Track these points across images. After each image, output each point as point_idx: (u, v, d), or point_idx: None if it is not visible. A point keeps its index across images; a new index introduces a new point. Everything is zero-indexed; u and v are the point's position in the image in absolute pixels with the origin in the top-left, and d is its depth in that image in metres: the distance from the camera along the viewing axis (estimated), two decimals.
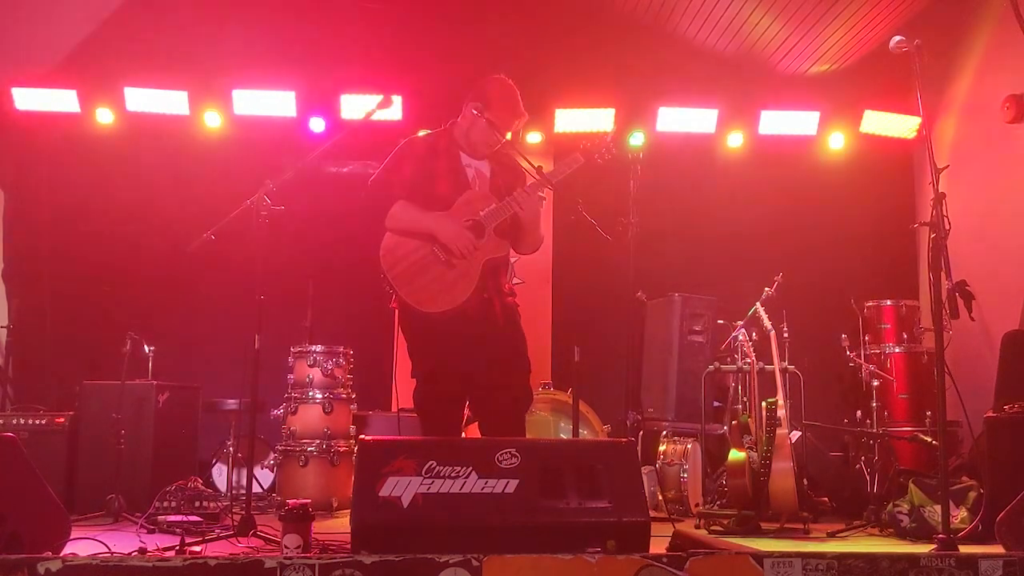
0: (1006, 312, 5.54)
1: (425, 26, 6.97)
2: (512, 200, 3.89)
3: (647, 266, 4.33)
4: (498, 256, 3.95)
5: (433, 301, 3.83)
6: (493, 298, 3.92)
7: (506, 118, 4.01)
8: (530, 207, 3.91)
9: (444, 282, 3.84)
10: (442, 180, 3.98)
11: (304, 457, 5.45)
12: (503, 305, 3.95)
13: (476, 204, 3.92)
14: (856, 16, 6.53)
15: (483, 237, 3.88)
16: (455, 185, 3.98)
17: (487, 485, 2.90)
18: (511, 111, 4.03)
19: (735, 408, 5.74)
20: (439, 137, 4.12)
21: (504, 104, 4.02)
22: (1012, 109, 6.15)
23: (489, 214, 3.89)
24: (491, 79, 4.09)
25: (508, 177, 4.05)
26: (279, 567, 2.38)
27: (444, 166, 4.01)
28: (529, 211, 3.91)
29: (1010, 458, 4.28)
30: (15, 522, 3.04)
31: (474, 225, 3.88)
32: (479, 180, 4.03)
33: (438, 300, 3.83)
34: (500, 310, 3.92)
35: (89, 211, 6.95)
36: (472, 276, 3.84)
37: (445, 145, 4.07)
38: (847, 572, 2.51)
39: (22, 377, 6.75)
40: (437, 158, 4.03)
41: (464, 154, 4.05)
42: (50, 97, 6.90)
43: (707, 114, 7.27)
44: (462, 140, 4.06)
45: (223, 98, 6.99)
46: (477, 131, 4.01)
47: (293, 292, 6.04)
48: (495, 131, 3.98)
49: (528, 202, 3.90)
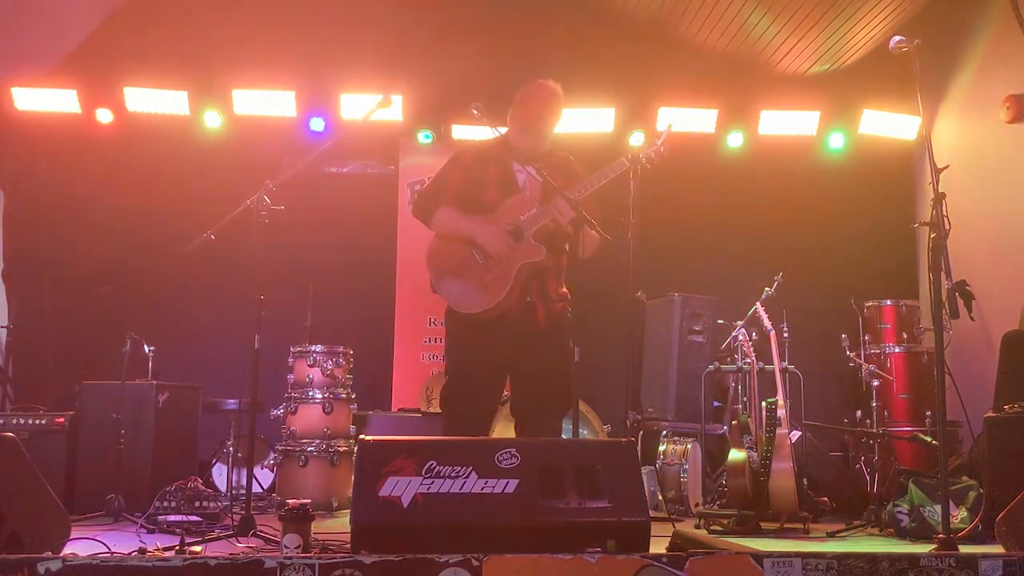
0: (1006, 312, 5.54)
1: (425, 26, 6.97)
2: (551, 207, 3.94)
3: (647, 266, 4.32)
4: (538, 260, 3.97)
5: (470, 303, 3.94)
6: (537, 303, 3.98)
7: (529, 122, 4.07)
8: (569, 214, 3.93)
9: (482, 284, 3.93)
10: (491, 186, 4.05)
11: (304, 457, 5.45)
12: (548, 311, 4.01)
13: (518, 209, 3.98)
14: (856, 16, 6.53)
15: (521, 241, 3.93)
16: (503, 190, 4.04)
17: (487, 485, 2.90)
18: (534, 115, 4.08)
19: (735, 408, 5.74)
20: (491, 144, 4.19)
21: (525, 109, 4.09)
22: (1012, 109, 6.15)
23: (528, 219, 3.95)
24: (526, 84, 4.17)
25: (560, 180, 4.07)
26: (279, 567, 2.38)
27: (494, 172, 4.08)
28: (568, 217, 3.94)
29: (1010, 458, 4.28)
30: (15, 522, 3.04)
31: (513, 230, 3.93)
32: (530, 185, 4.07)
33: (475, 302, 3.93)
34: (544, 316, 3.99)
35: (89, 211, 6.95)
36: (506, 279, 3.91)
37: (497, 152, 4.12)
38: (847, 572, 2.51)
39: (22, 377, 6.75)
40: (487, 165, 4.09)
41: (516, 160, 4.09)
42: (50, 97, 6.90)
43: (707, 114, 7.27)
44: (513, 145, 4.11)
45: (223, 98, 6.99)
46: (515, 137, 4.10)
47: (293, 292, 6.05)
48: (526, 138, 4.06)
49: (567, 209, 3.92)
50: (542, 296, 4.00)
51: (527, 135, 4.07)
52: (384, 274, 7.21)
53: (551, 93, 4.13)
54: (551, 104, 4.12)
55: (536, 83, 4.16)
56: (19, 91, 6.84)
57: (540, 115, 4.09)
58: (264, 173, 4.28)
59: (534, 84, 4.16)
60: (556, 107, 4.13)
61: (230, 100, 6.99)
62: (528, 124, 4.08)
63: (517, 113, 4.12)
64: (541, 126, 4.11)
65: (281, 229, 4.30)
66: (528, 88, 4.15)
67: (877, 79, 6.98)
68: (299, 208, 4.47)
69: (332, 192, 6.96)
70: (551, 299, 4.03)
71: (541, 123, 4.10)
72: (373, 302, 7.22)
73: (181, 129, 7.05)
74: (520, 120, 4.09)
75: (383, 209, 7.25)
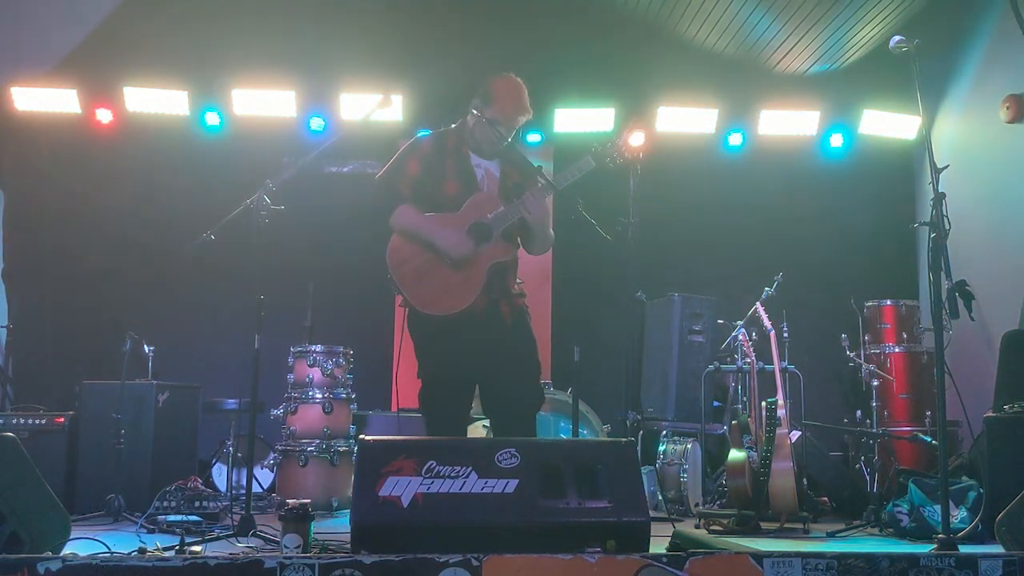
0: (1006, 312, 5.54)
1: (425, 26, 6.97)
2: (520, 204, 3.88)
3: (647, 266, 4.32)
4: (505, 260, 3.93)
5: (436, 303, 3.84)
6: (500, 300, 3.91)
7: (506, 116, 3.96)
8: (538, 211, 3.89)
9: (449, 285, 3.84)
10: (451, 181, 3.96)
11: (304, 457, 5.45)
12: (511, 307, 3.95)
13: (484, 207, 3.90)
14: (856, 16, 6.53)
15: (490, 241, 3.86)
16: (464, 186, 3.96)
17: (487, 485, 2.90)
18: (511, 109, 3.97)
19: (735, 408, 5.74)
20: (447, 136, 4.08)
21: (503, 102, 3.96)
22: (1012, 109, 6.15)
23: (496, 218, 3.87)
24: (496, 77, 4.05)
25: (518, 177, 4.03)
26: (279, 567, 2.38)
27: (452, 166, 3.98)
28: (537, 215, 3.89)
29: (1010, 458, 4.28)
30: (15, 522, 3.04)
31: (480, 229, 3.87)
32: (488, 180, 4.01)
33: (441, 302, 3.83)
34: (508, 312, 3.93)
35: (89, 211, 6.95)
36: (477, 281, 3.84)
37: (454, 144, 4.03)
38: (847, 572, 2.51)
39: (22, 377, 6.75)
40: (445, 157, 4.00)
41: (473, 154, 4.02)
42: (50, 97, 6.90)
43: (707, 114, 7.27)
44: (469, 139, 4.02)
45: (223, 98, 7.00)
46: (480, 130, 3.97)
47: (293, 292, 6.05)
48: (496, 130, 3.94)
49: (536, 206, 3.88)
50: (504, 293, 3.94)
51: (501, 127, 3.95)
52: (384, 274, 7.18)
53: (523, 86, 4.04)
54: (526, 97, 4.02)
55: (509, 76, 4.05)
56: (19, 91, 6.85)
57: (518, 109, 3.99)
58: (264, 173, 4.28)
59: (508, 77, 4.04)
60: (527, 102, 4.04)
61: (230, 100, 6.99)
62: (505, 117, 3.96)
63: (493, 105, 3.96)
64: (518, 120, 4.01)
65: (281, 229, 4.30)
66: (503, 81, 4.03)
67: (877, 79, 6.99)
68: (299, 208, 4.46)
69: (332, 192, 6.96)
70: (512, 295, 3.97)
71: (519, 117, 4.00)
72: (373, 302, 7.21)
73: (181, 129, 7.06)
74: (496, 112, 3.94)
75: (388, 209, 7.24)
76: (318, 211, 6.65)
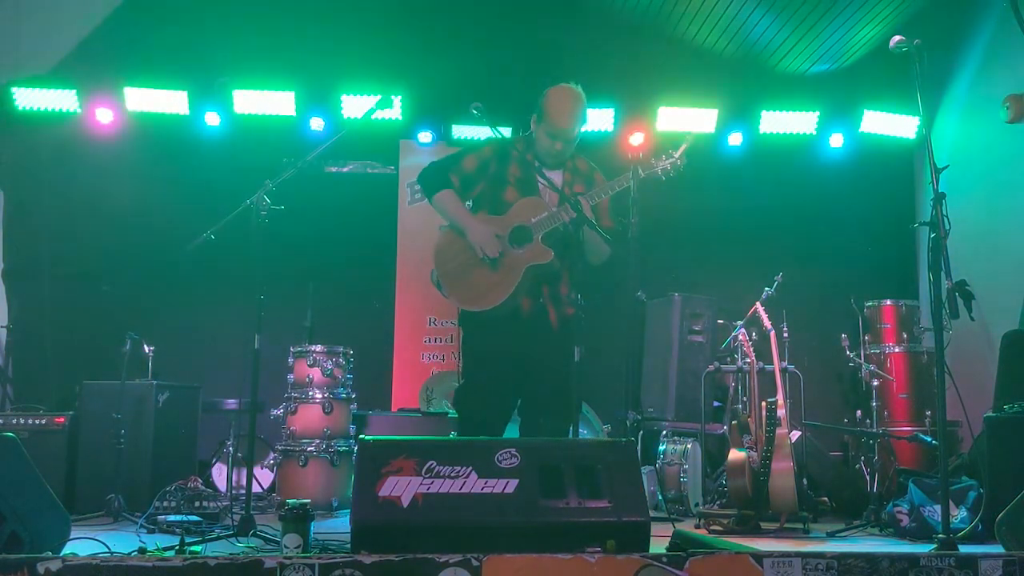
0: (1006, 312, 5.53)
1: (425, 26, 6.97)
2: (562, 211, 3.96)
3: (647, 266, 4.33)
4: (544, 263, 3.99)
5: (474, 301, 3.99)
6: (548, 306, 4.03)
7: (559, 127, 4.05)
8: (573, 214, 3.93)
9: (487, 283, 3.97)
10: (511, 188, 4.08)
11: (304, 457, 5.45)
12: (559, 314, 4.04)
13: (529, 211, 4.01)
14: (856, 16, 6.52)
15: (529, 243, 3.96)
16: (523, 194, 4.07)
17: (487, 485, 2.90)
18: (563, 120, 4.06)
19: (735, 408, 5.74)
20: (514, 144, 4.18)
21: (555, 113, 4.07)
22: (1012, 109, 6.14)
23: (539, 221, 3.98)
24: (551, 88, 4.15)
25: (580, 186, 4.10)
26: (279, 567, 2.38)
27: (515, 174, 4.10)
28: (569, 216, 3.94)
29: (1010, 458, 4.28)
30: (15, 522, 3.04)
31: (521, 232, 3.95)
32: (549, 191, 4.08)
33: (478, 300, 3.99)
34: (555, 319, 4.03)
35: (89, 210, 6.94)
36: (511, 280, 3.95)
37: (520, 153, 4.12)
38: (847, 572, 2.51)
39: (22, 377, 6.75)
40: (508, 164, 4.10)
41: (540, 164, 4.10)
42: (50, 97, 6.90)
43: (707, 114, 7.27)
44: (537, 150, 4.13)
45: (223, 98, 6.99)
46: (539, 142, 4.10)
47: (293, 292, 6.05)
48: (553, 142, 4.05)
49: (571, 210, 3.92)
50: (554, 299, 4.05)
51: (555, 139, 4.06)
52: (384, 274, 7.21)
53: (577, 95, 4.13)
54: (579, 107, 4.11)
55: (562, 86, 4.14)
56: (19, 91, 6.84)
57: (570, 119, 4.07)
58: (264, 173, 4.28)
59: (561, 87, 4.14)
60: (583, 110, 4.13)
61: (230, 100, 6.99)
62: (558, 128, 4.05)
63: (545, 117, 4.07)
64: (571, 130, 4.09)
65: (281, 229, 4.31)
66: (555, 91, 4.12)
67: (877, 79, 6.98)
68: (299, 208, 4.47)
69: (332, 192, 6.96)
70: (563, 303, 4.07)
71: (571, 127, 4.08)
72: (373, 302, 7.23)
73: (181, 129, 7.05)
74: (550, 124, 4.05)
75: (383, 209, 7.26)
76: (318, 211, 6.66)
